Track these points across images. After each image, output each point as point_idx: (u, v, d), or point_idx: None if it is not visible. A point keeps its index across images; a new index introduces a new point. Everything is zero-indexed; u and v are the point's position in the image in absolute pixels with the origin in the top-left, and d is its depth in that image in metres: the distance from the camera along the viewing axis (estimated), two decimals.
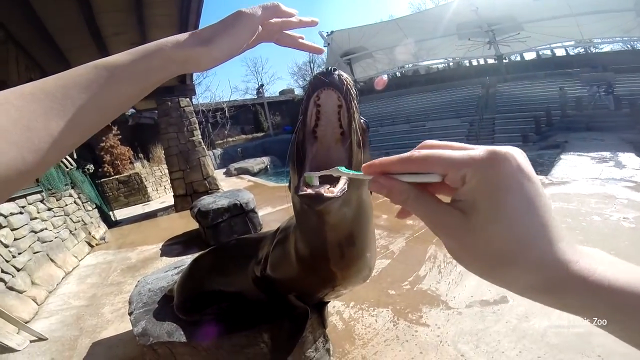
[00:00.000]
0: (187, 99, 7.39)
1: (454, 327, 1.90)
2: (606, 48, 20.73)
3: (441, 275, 2.48)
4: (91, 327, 2.62)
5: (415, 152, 0.28)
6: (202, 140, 7.45)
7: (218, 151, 18.82)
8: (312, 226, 0.91)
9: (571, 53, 21.53)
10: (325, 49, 24.81)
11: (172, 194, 7.42)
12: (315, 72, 0.74)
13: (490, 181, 0.25)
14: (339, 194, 0.66)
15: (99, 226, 5.99)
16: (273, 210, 5.51)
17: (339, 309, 2.24)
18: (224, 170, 14.05)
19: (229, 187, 7.67)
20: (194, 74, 8.01)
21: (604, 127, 10.81)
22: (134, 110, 9.08)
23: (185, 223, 5.28)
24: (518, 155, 0.26)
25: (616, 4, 15.09)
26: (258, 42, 0.49)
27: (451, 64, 25.20)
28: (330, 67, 0.71)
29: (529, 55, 22.14)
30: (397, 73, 26.54)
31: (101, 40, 5.20)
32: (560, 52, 21.90)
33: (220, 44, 0.40)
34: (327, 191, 0.65)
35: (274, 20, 0.47)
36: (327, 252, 0.94)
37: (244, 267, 1.38)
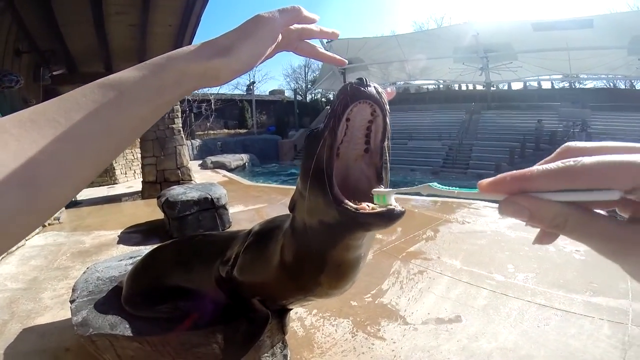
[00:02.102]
0: None
1: (408, 342, 1.93)
2: (589, 84, 22.21)
3: (402, 290, 2.51)
4: (25, 312, 2.41)
5: (573, 161, 0.21)
6: (182, 129, 7.24)
7: (197, 142, 18.36)
8: (327, 242, 0.80)
9: (556, 86, 22.91)
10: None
11: (141, 179, 7.13)
12: (348, 82, 0.63)
13: None
14: (403, 208, 0.59)
15: None
16: (245, 209, 5.40)
17: (301, 315, 2.22)
18: (200, 162, 13.70)
19: (203, 180, 7.46)
20: None
21: None
22: None
23: (150, 211, 5.07)
24: None
25: (611, 41, 16.12)
26: (277, 51, 0.44)
27: (441, 86, 26.15)
28: (364, 78, 0.64)
29: (516, 85, 23.41)
30: (393, 87, 27.21)
31: (101, 18, 4.98)
32: (546, 85, 23.27)
33: (240, 53, 0.36)
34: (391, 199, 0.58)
35: (293, 26, 0.44)
36: (324, 268, 0.87)
37: (207, 265, 1.31)
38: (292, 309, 1.55)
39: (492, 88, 21.35)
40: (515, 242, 3.44)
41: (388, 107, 0.66)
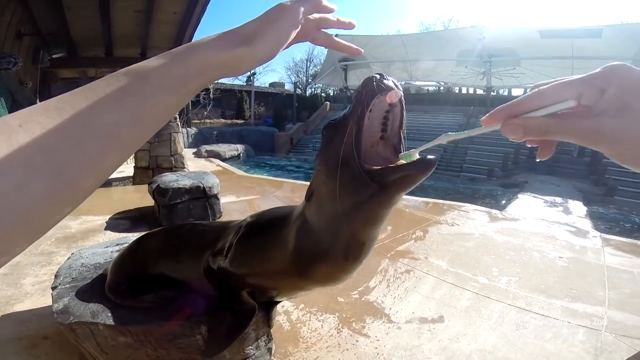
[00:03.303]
0: None
1: (391, 340, 1.96)
2: None
3: (389, 289, 2.54)
4: (4, 298, 2.35)
5: (540, 89, 0.33)
6: (178, 116, 7.16)
7: (193, 130, 18.18)
8: (358, 221, 0.84)
9: None
10: (326, 51, 24.89)
11: (133, 164, 7.04)
12: (370, 76, 0.71)
13: (631, 81, 0.29)
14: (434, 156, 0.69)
15: None
16: (236, 200, 5.39)
17: (288, 309, 2.23)
18: (195, 150, 13.57)
19: (196, 168, 7.41)
20: None
21: (563, 173, 11.73)
22: None
23: (140, 198, 5.02)
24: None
25: (617, 52, 16.12)
26: (295, 41, 0.43)
27: (442, 88, 26.18)
28: (380, 73, 0.71)
29: (517, 92, 23.51)
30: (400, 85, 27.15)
31: (107, 3, 4.90)
32: None
33: (264, 41, 0.35)
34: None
35: (312, 16, 0.43)
36: (348, 250, 0.90)
37: (196, 255, 1.30)
38: (279, 302, 1.56)
39: (492, 93, 21.45)
40: (501, 246, 3.50)
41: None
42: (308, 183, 0.92)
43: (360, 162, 0.72)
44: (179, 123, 7.22)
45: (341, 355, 1.83)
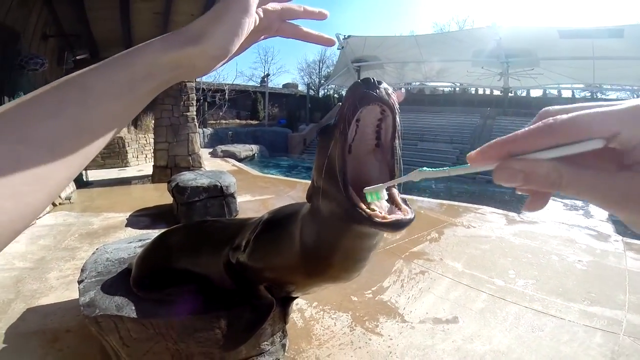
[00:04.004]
0: None
1: (405, 340, 1.96)
2: (612, 95, 21.53)
3: (403, 289, 2.54)
4: (30, 291, 2.45)
5: (552, 119, 0.22)
6: (195, 117, 7.34)
7: (209, 130, 18.52)
8: (339, 236, 0.86)
9: (577, 96, 22.25)
10: (339, 52, 24.83)
11: (152, 163, 7.26)
12: (355, 82, 0.67)
13: None
14: (413, 213, 0.63)
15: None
16: (252, 199, 5.47)
17: (302, 307, 2.26)
18: (211, 150, 13.83)
19: (212, 167, 7.56)
20: None
21: None
22: None
23: (159, 196, 5.17)
24: None
25: (637, 52, 15.51)
26: (259, 36, 0.41)
27: (457, 89, 25.69)
28: (372, 79, 0.66)
29: (535, 93, 22.80)
30: (402, 89, 26.87)
31: (127, 4, 5.08)
32: (566, 94, 22.58)
33: (214, 38, 0.33)
34: (404, 212, 0.63)
35: (271, 6, 0.40)
36: (334, 256, 0.92)
37: (217, 250, 1.34)
38: (295, 298, 1.59)
39: (509, 94, 20.87)
40: (518, 248, 3.43)
41: (398, 107, 0.68)
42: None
43: (345, 183, 0.68)
44: (196, 124, 7.39)
45: (353, 353, 1.85)
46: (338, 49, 24.54)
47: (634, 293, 2.59)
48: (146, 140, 10.37)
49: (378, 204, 0.64)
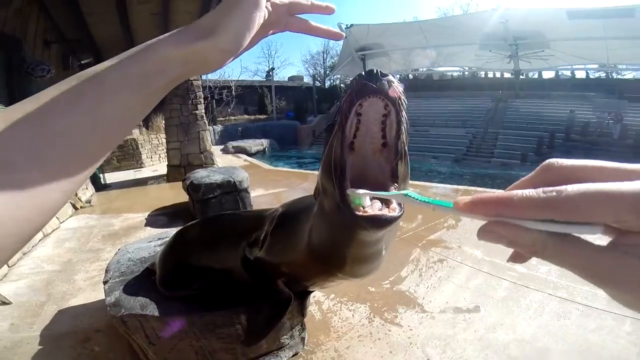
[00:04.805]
0: None
1: (425, 330, 1.94)
2: (628, 75, 20.58)
3: (421, 278, 2.51)
4: (60, 293, 2.54)
5: (556, 192, 0.20)
6: (204, 115, 7.40)
7: (218, 127, 18.70)
8: (342, 235, 0.84)
9: (591, 76, 21.37)
10: (342, 42, 24.48)
11: (166, 163, 7.38)
12: (359, 74, 0.63)
13: None
14: (399, 212, 0.61)
15: (86, 188, 5.93)
16: (265, 193, 5.50)
17: (319, 299, 2.26)
18: (222, 147, 13.98)
19: (225, 164, 7.62)
20: None
21: (603, 156, 10.77)
22: None
23: (174, 194, 5.26)
24: None
25: None
26: (268, 31, 0.41)
27: (466, 73, 25.03)
28: (376, 70, 0.61)
29: (547, 74, 22.03)
30: (410, 75, 26.31)
31: (124, 7, 5.10)
32: (580, 74, 21.70)
33: (226, 31, 0.32)
34: (390, 210, 0.60)
35: (280, 0, 0.40)
36: (344, 253, 0.90)
37: (234, 245, 1.34)
38: (312, 292, 1.59)
39: (521, 76, 20.18)
40: None
41: (404, 100, 0.63)
42: None
43: (341, 177, 0.66)
44: (206, 121, 7.45)
45: (373, 345, 1.83)
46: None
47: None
48: (158, 140, 10.53)
49: (369, 201, 0.61)
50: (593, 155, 11.02)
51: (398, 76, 24.42)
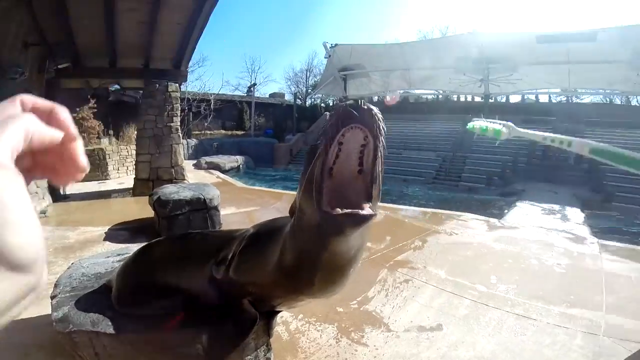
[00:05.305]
0: (177, 84, 7.22)
1: (390, 349, 1.96)
2: (586, 99, 22.36)
3: (387, 298, 2.55)
4: None
5: None
6: (179, 128, 7.25)
7: (193, 141, 18.28)
8: (316, 247, 0.89)
9: (553, 101, 23.05)
10: (326, 61, 25.12)
11: (134, 176, 7.10)
12: (344, 104, 0.74)
13: None
14: (373, 212, 0.68)
15: (43, 198, 5.55)
16: (237, 211, 5.41)
17: (286, 319, 2.23)
18: (195, 161, 13.65)
19: (196, 180, 7.46)
20: (191, 61, 7.83)
21: (561, 180, 11.74)
22: (118, 87, 8.85)
23: (139, 209, 5.05)
24: None
25: (612, 56, 16.06)
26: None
27: (440, 96, 26.24)
28: (360, 101, 0.69)
29: (514, 99, 23.47)
30: (390, 96, 27.27)
31: (112, 15, 5.06)
32: (544, 99, 23.39)
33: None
34: (366, 208, 0.68)
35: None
36: (317, 269, 0.93)
37: (201, 264, 1.32)
38: (279, 312, 1.58)
39: (490, 100, 21.41)
40: (499, 254, 3.52)
41: (383, 130, 0.70)
42: None
43: (319, 191, 0.73)
44: (180, 134, 7.30)
45: None
46: (325, 57, 24.70)
47: (611, 294, 2.68)
48: (128, 151, 10.15)
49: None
50: (552, 179, 11.86)
51: (377, 98, 25.31)
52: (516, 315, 2.34)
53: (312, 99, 31.83)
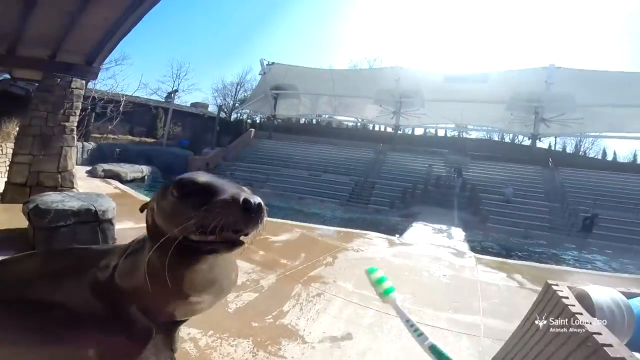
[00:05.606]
0: (83, 81, 6.25)
1: None
2: (474, 135, 26.54)
3: (302, 312, 2.62)
4: None
5: None
6: (75, 128, 6.22)
7: (90, 145, 15.80)
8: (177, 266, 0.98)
9: (448, 135, 26.98)
10: (259, 77, 24.78)
11: (5, 179, 5.77)
12: (241, 200, 0.84)
13: None
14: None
15: None
16: (135, 226, 4.81)
17: (194, 336, 2.09)
18: (89, 168, 11.78)
19: (89, 189, 6.45)
20: (107, 58, 6.97)
21: (450, 205, 13.85)
22: (8, 76, 7.18)
23: (8, 218, 4.13)
24: None
25: (497, 96, 19.32)
26: None
27: (358, 124, 28.32)
28: (254, 203, 0.83)
29: (419, 131, 26.75)
30: (314, 120, 28.28)
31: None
32: (441, 133, 27.20)
33: None
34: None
35: None
36: (177, 285, 1.03)
37: (82, 276, 1.23)
38: (180, 324, 1.50)
39: (399, 132, 24.09)
40: (397, 267, 3.98)
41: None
42: None
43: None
44: (75, 136, 6.26)
45: None
46: (260, 74, 24.45)
47: (485, 299, 3.21)
48: (2, 150, 8.25)
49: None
50: (442, 203, 13.89)
51: (304, 120, 25.88)
52: None
53: (239, 114, 30.99)
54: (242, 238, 0.89)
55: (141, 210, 1.13)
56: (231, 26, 52.37)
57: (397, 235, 5.73)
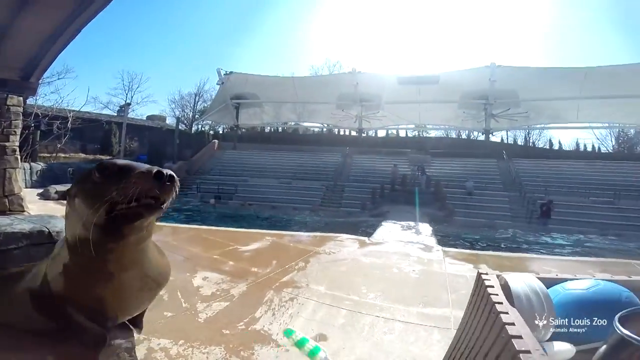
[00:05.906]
0: (21, 98, 5.79)
1: None
2: (432, 134, 27.70)
3: (274, 317, 2.63)
4: None
5: None
6: (17, 149, 5.76)
7: (39, 166, 14.63)
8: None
9: (409, 135, 27.98)
10: (218, 87, 24.16)
11: None
12: (152, 172, 1.03)
13: None
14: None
15: None
16: None
17: (165, 346, 2.04)
18: (41, 190, 10.92)
19: (43, 212, 5.99)
20: (46, 72, 6.50)
21: (417, 202, 14.36)
22: None
23: None
24: None
25: (448, 97, 20.27)
26: None
27: (324, 129, 28.54)
28: (166, 174, 1.02)
29: (381, 133, 27.54)
30: (280, 128, 28.09)
31: None
32: (402, 133, 28.18)
33: None
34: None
35: None
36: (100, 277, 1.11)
37: (16, 295, 1.28)
38: (138, 329, 1.49)
39: (363, 134, 24.63)
40: (368, 266, 4.08)
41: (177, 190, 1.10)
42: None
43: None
44: (19, 157, 5.80)
45: None
46: (218, 84, 23.89)
47: (454, 292, 3.30)
48: None
49: None
50: (410, 201, 14.36)
51: (269, 129, 25.56)
52: (384, 319, 2.68)
53: (200, 125, 30.13)
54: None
55: (62, 198, 1.24)
56: (186, 35, 50.98)
57: (367, 238, 5.88)
